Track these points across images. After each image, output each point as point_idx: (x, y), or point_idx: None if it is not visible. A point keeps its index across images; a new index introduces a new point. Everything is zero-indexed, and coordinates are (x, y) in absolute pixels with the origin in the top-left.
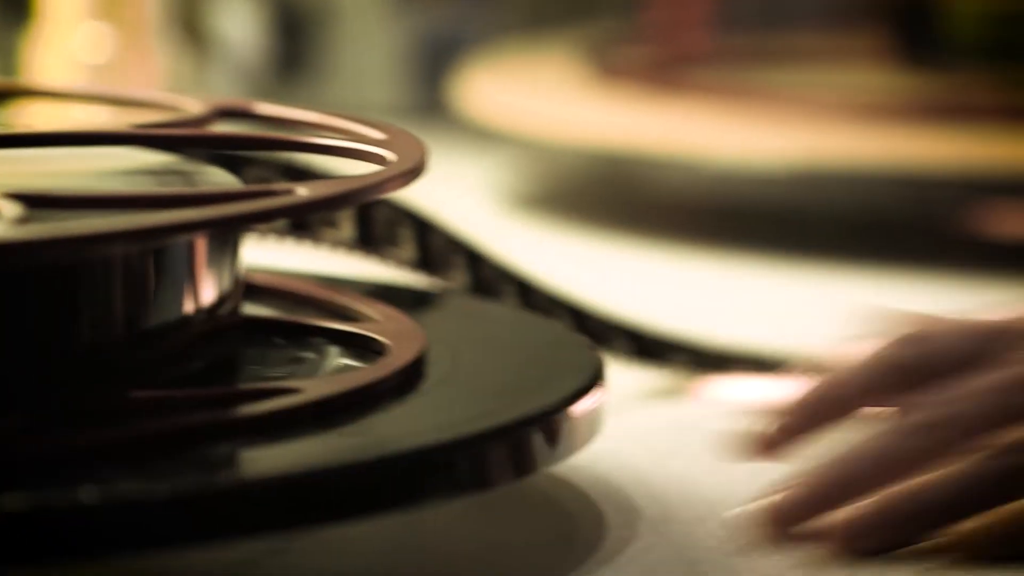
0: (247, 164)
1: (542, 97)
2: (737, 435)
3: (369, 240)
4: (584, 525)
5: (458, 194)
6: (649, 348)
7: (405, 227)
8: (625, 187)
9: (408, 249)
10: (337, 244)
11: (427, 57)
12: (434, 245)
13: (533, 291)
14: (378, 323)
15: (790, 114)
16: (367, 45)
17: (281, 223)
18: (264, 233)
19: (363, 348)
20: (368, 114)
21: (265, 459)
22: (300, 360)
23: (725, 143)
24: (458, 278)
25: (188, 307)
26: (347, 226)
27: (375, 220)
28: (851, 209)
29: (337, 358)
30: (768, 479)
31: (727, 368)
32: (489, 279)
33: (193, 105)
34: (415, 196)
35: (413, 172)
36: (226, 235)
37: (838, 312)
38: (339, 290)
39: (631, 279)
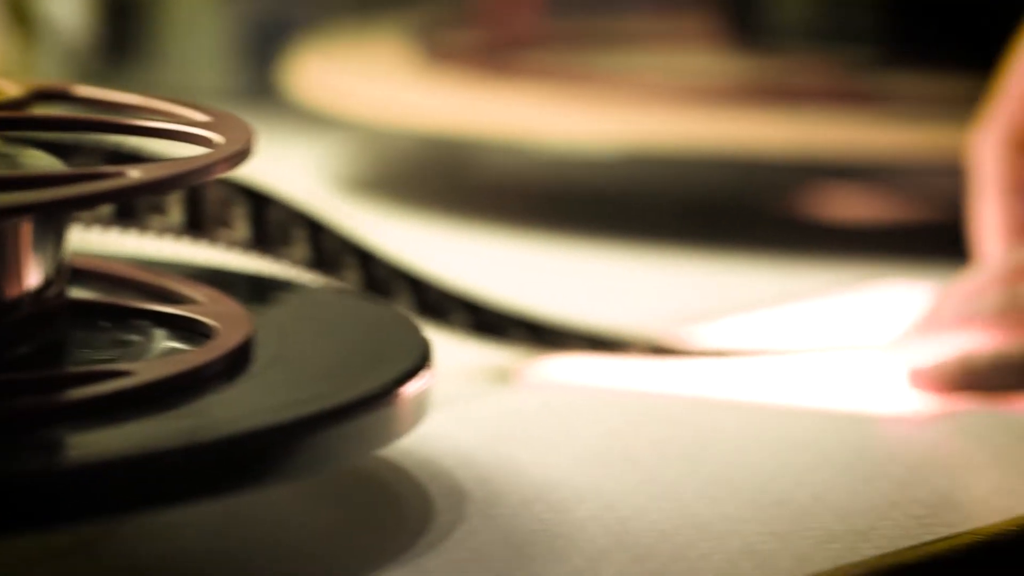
0: (71, 149)
1: (372, 81)
2: None
3: (199, 224)
4: (411, 508)
5: (289, 178)
6: (488, 323)
7: (238, 206)
8: (456, 170)
9: (242, 229)
10: (165, 230)
11: (257, 41)
12: (271, 221)
13: (373, 262)
14: (205, 306)
15: (620, 97)
16: (196, 29)
17: (106, 211)
18: (89, 223)
19: (190, 331)
20: (198, 98)
21: (97, 442)
22: (127, 343)
23: (555, 126)
24: (298, 253)
25: (13, 291)
26: (175, 211)
27: (205, 203)
28: (681, 191)
29: (164, 341)
30: (596, 460)
31: (564, 346)
32: (330, 252)
33: (11, 87)
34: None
35: (240, 154)
36: (51, 218)
37: (669, 294)
38: (165, 273)
39: (463, 262)
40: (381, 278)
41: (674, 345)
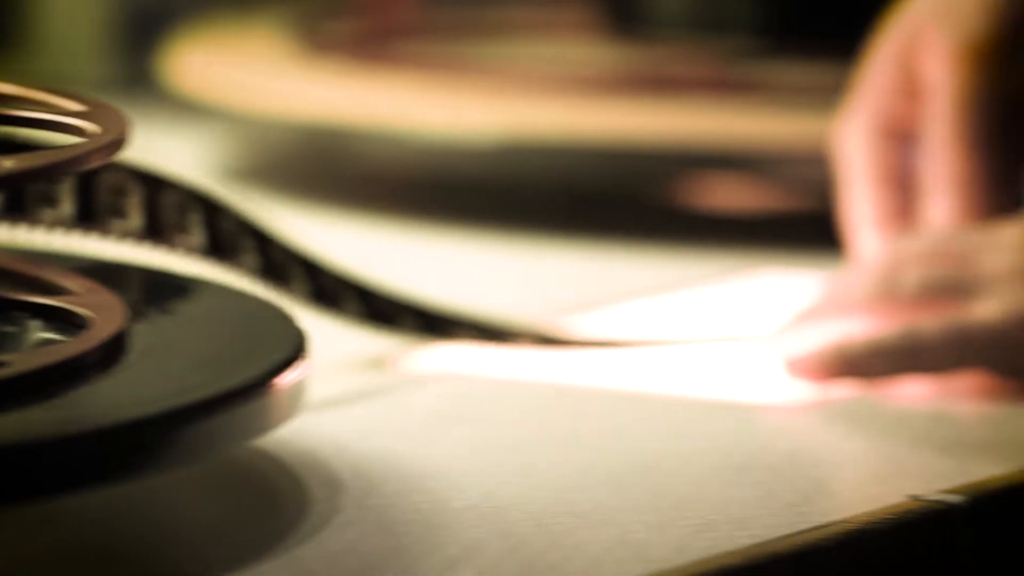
0: None
1: (251, 71)
2: None
3: (91, 214)
4: (288, 499)
5: (168, 168)
6: (380, 311)
7: (132, 194)
8: (336, 160)
9: (136, 218)
10: (56, 223)
11: (134, 30)
12: (167, 206)
13: (271, 246)
14: (81, 297)
15: (499, 87)
16: (75, 17)
17: None
18: None
19: (65, 321)
20: (76, 88)
21: None
22: (2, 334)
23: (434, 116)
24: (194, 240)
25: None
26: (67, 202)
27: (97, 191)
28: (562, 181)
29: (39, 332)
30: (474, 449)
31: (453, 335)
32: (227, 236)
33: None
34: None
35: (115, 144)
36: None
37: (550, 283)
38: (42, 264)
39: (343, 252)
40: (278, 262)
41: (557, 335)
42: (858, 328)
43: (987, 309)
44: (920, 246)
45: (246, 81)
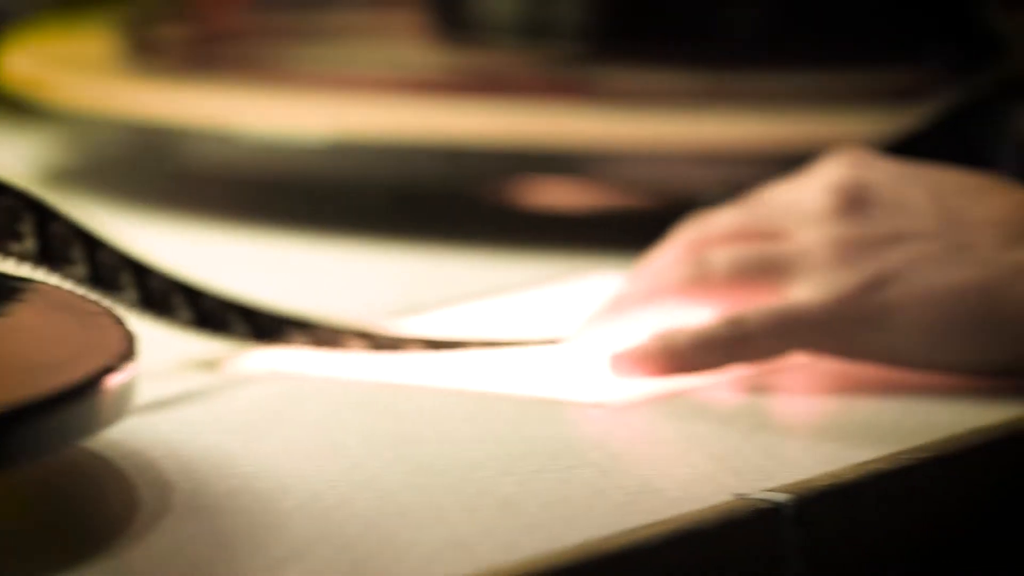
0: None
1: (81, 73)
2: None
3: None
4: (116, 500)
5: None
6: (210, 315)
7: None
8: (165, 162)
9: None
10: None
11: None
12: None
13: (102, 251)
14: None
15: (327, 90)
16: None
17: None
18: None
19: None
20: None
21: None
22: None
23: (263, 117)
24: (26, 246)
25: None
26: None
27: None
28: (392, 182)
29: None
30: (302, 450)
31: (283, 338)
32: (58, 242)
33: None
34: None
35: None
36: None
37: (381, 284)
38: None
39: (174, 254)
40: (109, 267)
41: (387, 336)
42: (674, 316)
43: (807, 293)
44: (727, 221)
45: (76, 83)
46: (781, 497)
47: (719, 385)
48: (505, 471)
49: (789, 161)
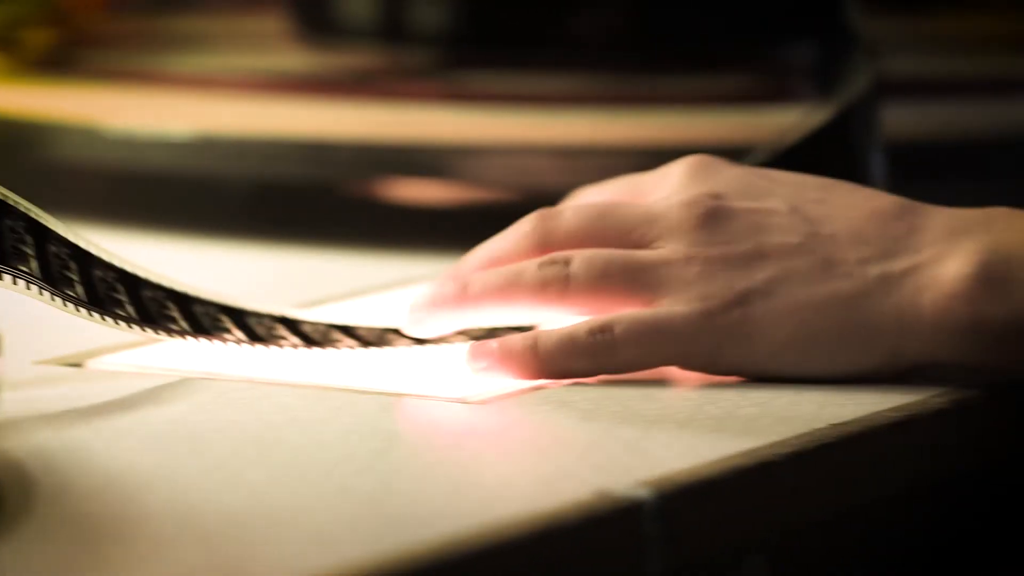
0: None
1: None
2: None
3: None
4: None
5: None
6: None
7: None
8: (30, 159)
9: None
10: None
11: None
12: None
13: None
14: None
15: (191, 90)
16: None
17: None
18: None
19: None
20: None
21: None
22: None
23: (126, 117)
24: None
25: None
26: None
27: None
28: (254, 179)
29: None
30: (166, 446)
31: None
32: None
33: None
34: None
35: None
36: None
37: (247, 280)
38: None
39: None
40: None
41: (261, 329)
42: (527, 315)
43: (674, 307)
44: (582, 224)
45: None
46: (643, 492)
47: (582, 380)
48: (367, 467)
49: (647, 160)
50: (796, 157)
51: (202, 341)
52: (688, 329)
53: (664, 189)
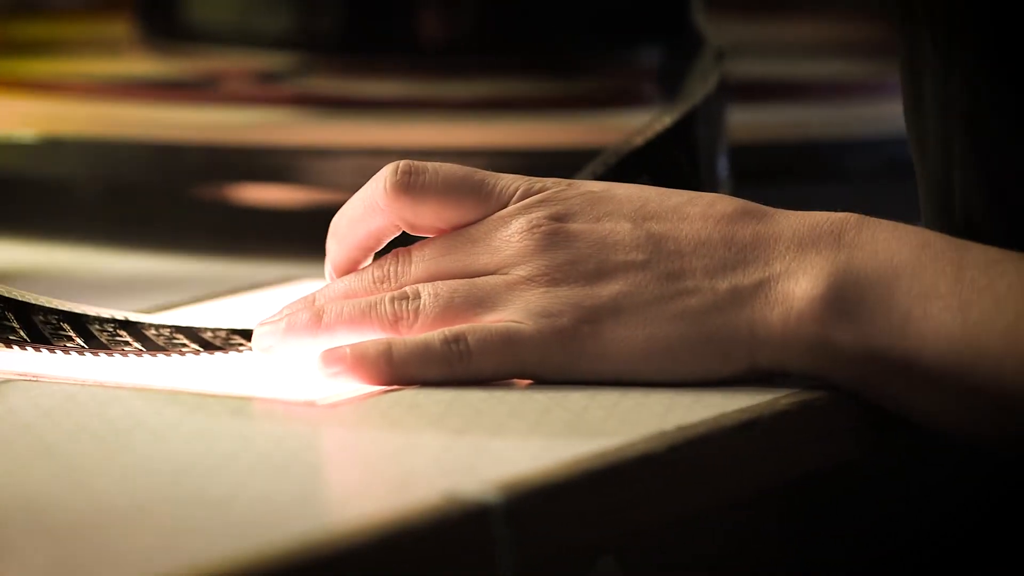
0: None
1: None
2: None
3: None
4: None
5: None
6: None
7: None
8: None
9: None
10: None
11: None
12: None
13: None
14: None
15: (39, 95)
16: None
17: None
18: None
19: None
20: None
21: None
22: None
23: None
24: None
25: None
26: None
27: None
28: (99, 184)
29: None
30: (7, 451)
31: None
32: None
33: None
34: None
35: None
36: None
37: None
38: None
39: None
40: None
41: (104, 336)
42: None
43: (524, 326)
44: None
45: None
46: (491, 495)
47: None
48: (216, 471)
49: (496, 163)
50: (643, 159)
51: (43, 350)
52: (538, 344)
53: (510, 222)
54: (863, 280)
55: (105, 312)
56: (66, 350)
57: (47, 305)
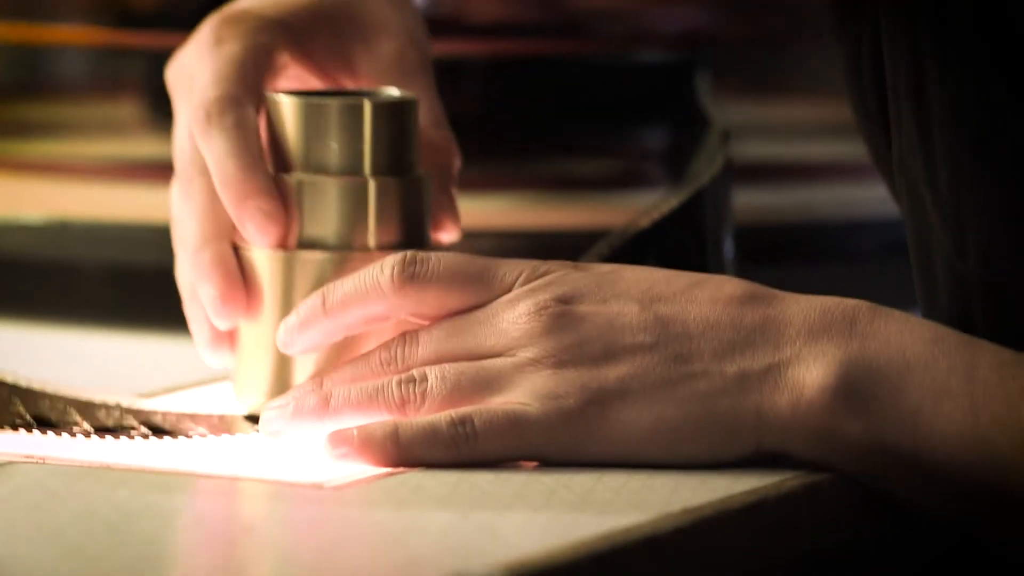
0: None
1: None
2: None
3: None
4: None
5: None
6: None
7: None
8: None
9: None
10: None
11: None
12: None
13: None
14: None
15: (48, 177)
16: None
17: None
18: None
19: None
20: None
21: None
22: None
23: None
24: None
25: None
26: None
27: None
28: (107, 266)
29: None
30: (20, 534)
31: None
32: None
33: None
34: None
35: None
36: None
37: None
38: None
39: None
40: None
41: (111, 421)
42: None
43: (530, 408)
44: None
45: None
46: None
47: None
48: (224, 554)
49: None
50: (649, 240)
51: (50, 432)
52: (545, 426)
53: (517, 303)
54: (875, 372)
55: (111, 398)
56: (72, 433)
57: (54, 392)
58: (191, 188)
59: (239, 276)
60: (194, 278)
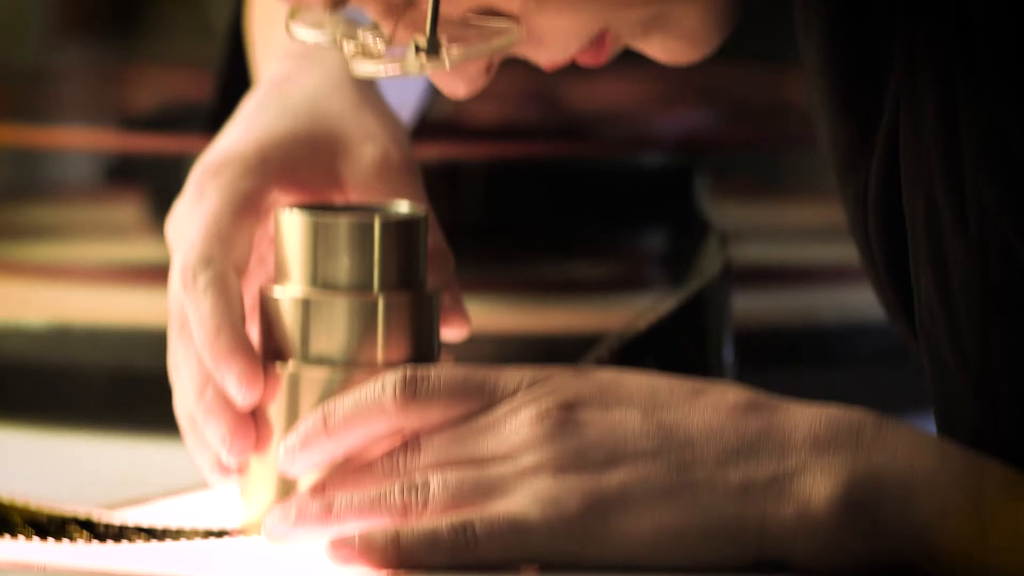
0: None
1: None
2: None
3: None
4: None
5: None
6: None
7: None
8: None
9: None
10: None
11: None
12: None
13: None
14: None
15: (48, 280)
16: None
17: None
18: None
19: None
20: None
21: None
22: None
23: None
24: None
25: None
26: None
27: None
28: (108, 371)
29: None
30: None
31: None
32: None
33: None
34: None
35: None
36: None
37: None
38: None
39: None
40: None
41: (107, 525)
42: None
43: (530, 512)
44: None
45: None
46: None
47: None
48: None
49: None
50: (648, 343)
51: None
52: (546, 531)
53: (520, 409)
54: (882, 486)
55: (115, 517)
56: (72, 539)
57: (53, 513)
58: (186, 332)
59: (247, 414)
60: (201, 418)
